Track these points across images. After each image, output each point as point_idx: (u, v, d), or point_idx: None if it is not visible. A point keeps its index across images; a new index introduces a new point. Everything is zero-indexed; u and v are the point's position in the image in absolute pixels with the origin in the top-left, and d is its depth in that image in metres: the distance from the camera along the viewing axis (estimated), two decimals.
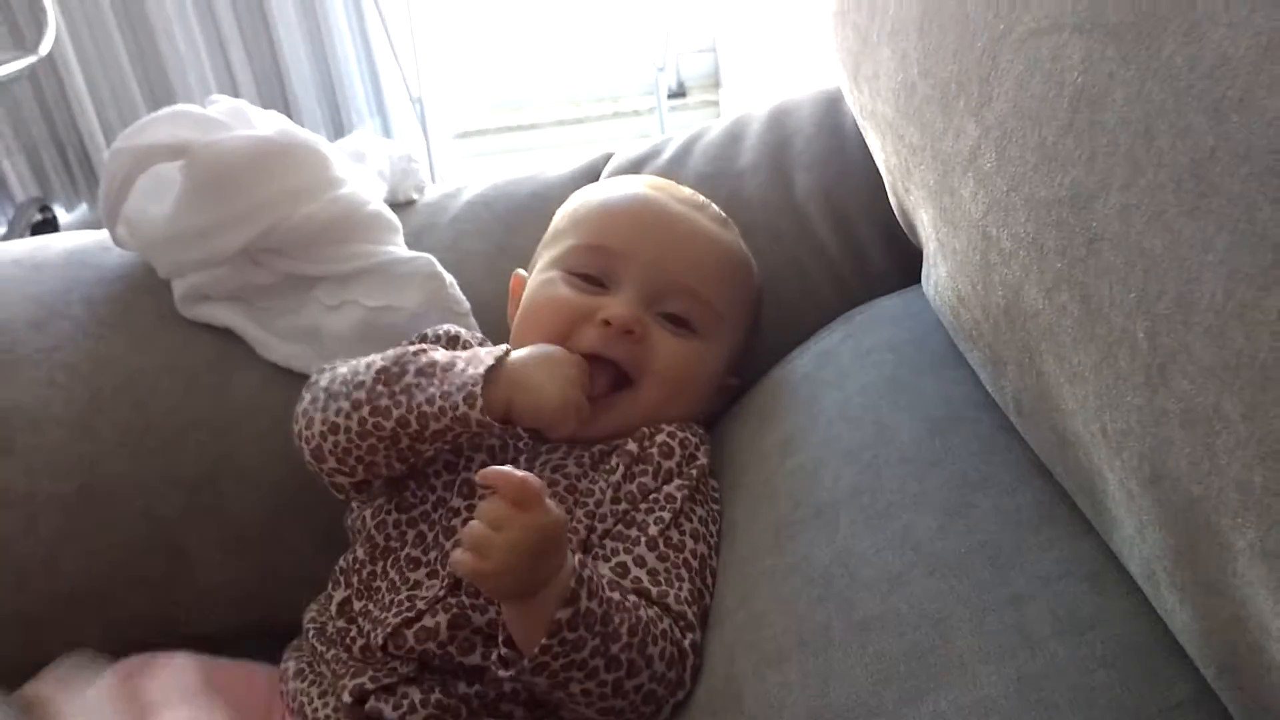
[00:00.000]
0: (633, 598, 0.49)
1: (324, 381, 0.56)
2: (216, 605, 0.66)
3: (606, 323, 0.56)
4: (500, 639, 0.47)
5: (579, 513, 0.53)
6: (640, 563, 0.52)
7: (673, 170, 0.73)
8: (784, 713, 0.43)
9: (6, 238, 1.92)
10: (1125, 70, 0.31)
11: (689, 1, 2.18)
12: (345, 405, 0.53)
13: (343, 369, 0.56)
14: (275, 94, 1.99)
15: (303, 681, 0.55)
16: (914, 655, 0.40)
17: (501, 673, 0.47)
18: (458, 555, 0.46)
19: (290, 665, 0.57)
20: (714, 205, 0.64)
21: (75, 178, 2.07)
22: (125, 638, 0.64)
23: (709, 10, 2.22)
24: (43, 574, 0.62)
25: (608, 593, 0.48)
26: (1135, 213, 0.31)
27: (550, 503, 0.46)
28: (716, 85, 2.28)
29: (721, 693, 0.48)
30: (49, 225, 2.02)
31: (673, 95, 2.23)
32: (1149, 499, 0.34)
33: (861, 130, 0.58)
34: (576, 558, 0.47)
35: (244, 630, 0.66)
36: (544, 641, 0.45)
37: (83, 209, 2.13)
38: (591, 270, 0.59)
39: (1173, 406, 0.31)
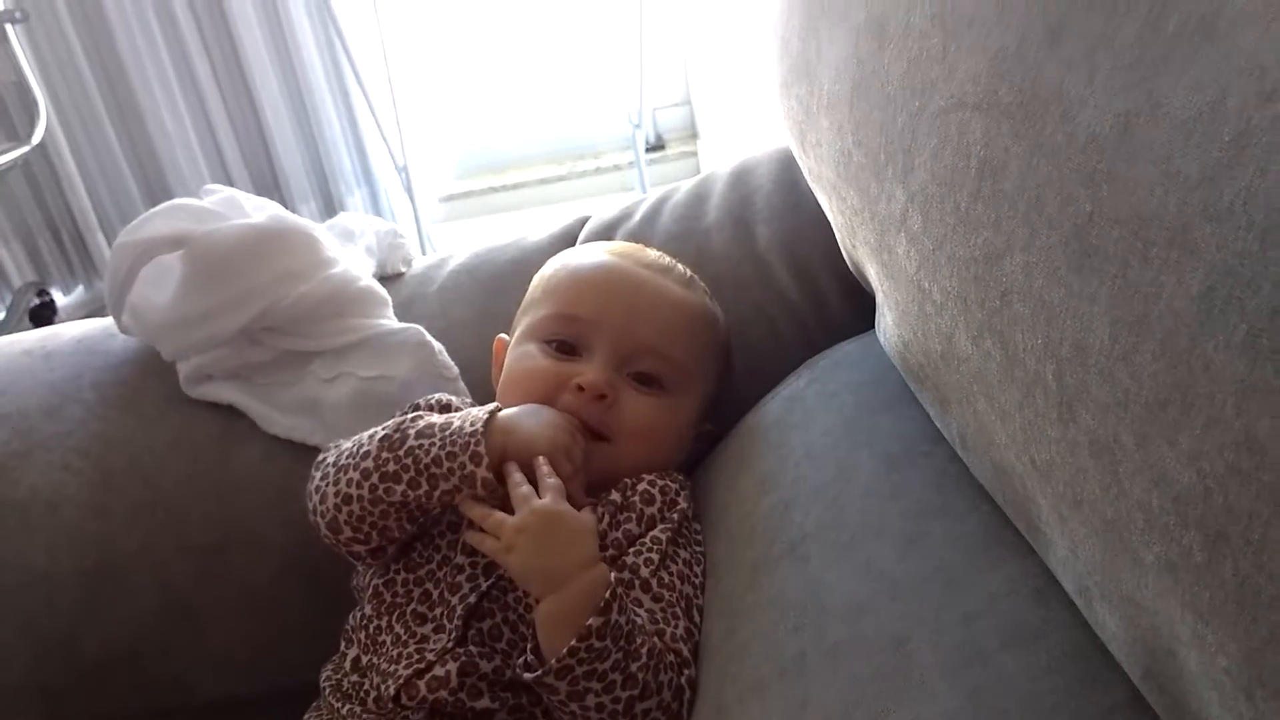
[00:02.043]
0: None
1: (331, 458, 0.60)
2: (231, 668, 0.69)
3: (580, 388, 0.61)
4: (529, 645, 0.52)
5: None
6: (636, 604, 0.55)
7: (644, 230, 0.78)
8: None
9: (5, 322, 1.96)
10: (1017, 145, 0.36)
11: (661, 58, 2.24)
12: (355, 475, 0.57)
13: (346, 444, 0.60)
14: (264, 171, 2.04)
15: None
16: (880, 676, 0.43)
17: (526, 676, 0.51)
18: (478, 536, 0.54)
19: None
20: (680, 266, 0.69)
21: (71, 261, 2.11)
22: (144, 704, 0.67)
23: (681, 65, 2.29)
24: (63, 648, 0.65)
25: (633, 613, 0.52)
26: (1035, 269, 0.35)
27: (566, 503, 0.53)
28: (694, 136, 2.34)
29: None
30: (46, 309, 2.06)
31: (651, 149, 2.29)
32: (1076, 521, 0.37)
33: (813, 190, 0.63)
34: (612, 573, 0.52)
35: (259, 692, 0.69)
36: (573, 644, 0.49)
37: (79, 291, 2.17)
38: (565, 337, 0.64)
39: (1082, 439, 0.35)
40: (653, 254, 0.69)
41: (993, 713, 0.39)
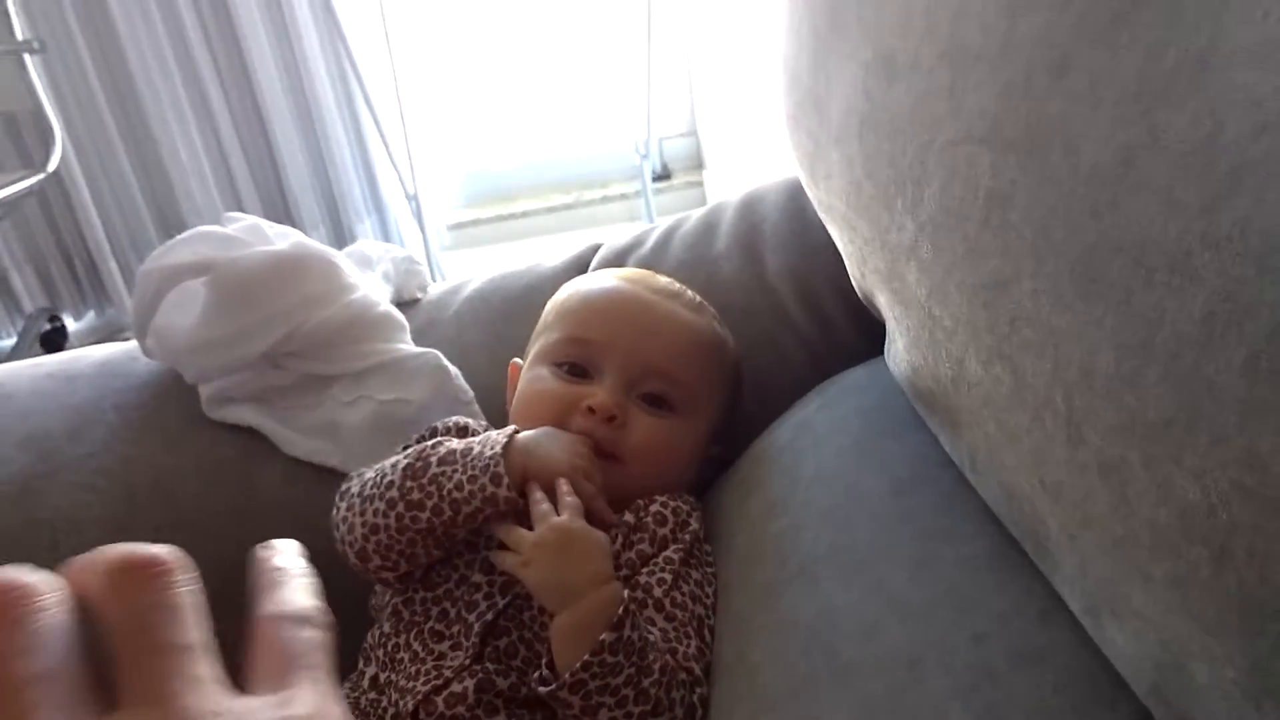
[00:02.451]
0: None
1: (355, 488, 0.61)
2: None
3: (591, 410, 0.62)
4: (544, 660, 0.53)
5: None
6: (649, 623, 0.56)
7: (655, 258, 0.79)
8: None
9: (17, 347, 1.98)
10: (1024, 177, 0.37)
11: (668, 89, 2.28)
12: (381, 505, 0.59)
13: (369, 474, 0.61)
14: (275, 198, 2.06)
15: None
16: (891, 696, 0.44)
17: (541, 689, 0.52)
18: (499, 554, 0.56)
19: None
20: (689, 291, 0.70)
21: (83, 287, 2.13)
22: None
23: (688, 96, 2.32)
24: None
25: (646, 630, 0.53)
26: (1043, 296, 0.36)
27: (583, 521, 0.56)
28: (700, 167, 2.37)
29: None
30: (57, 334, 2.08)
31: (658, 178, 2.32)
32: (1085, 540, 0.38)
33: (823, 220, 0.64)
34: (625, 591, 0.53)
35: None
36: (586, 658, 0.50)
37: (90, 317, 2.19)
38: (576, 360, 0.65)
39: (1090, 460, 0.36)
40: (662, 280, 0.71)
41: None
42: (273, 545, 0.30)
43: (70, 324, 2.15)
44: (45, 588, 0.24)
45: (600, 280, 0.71)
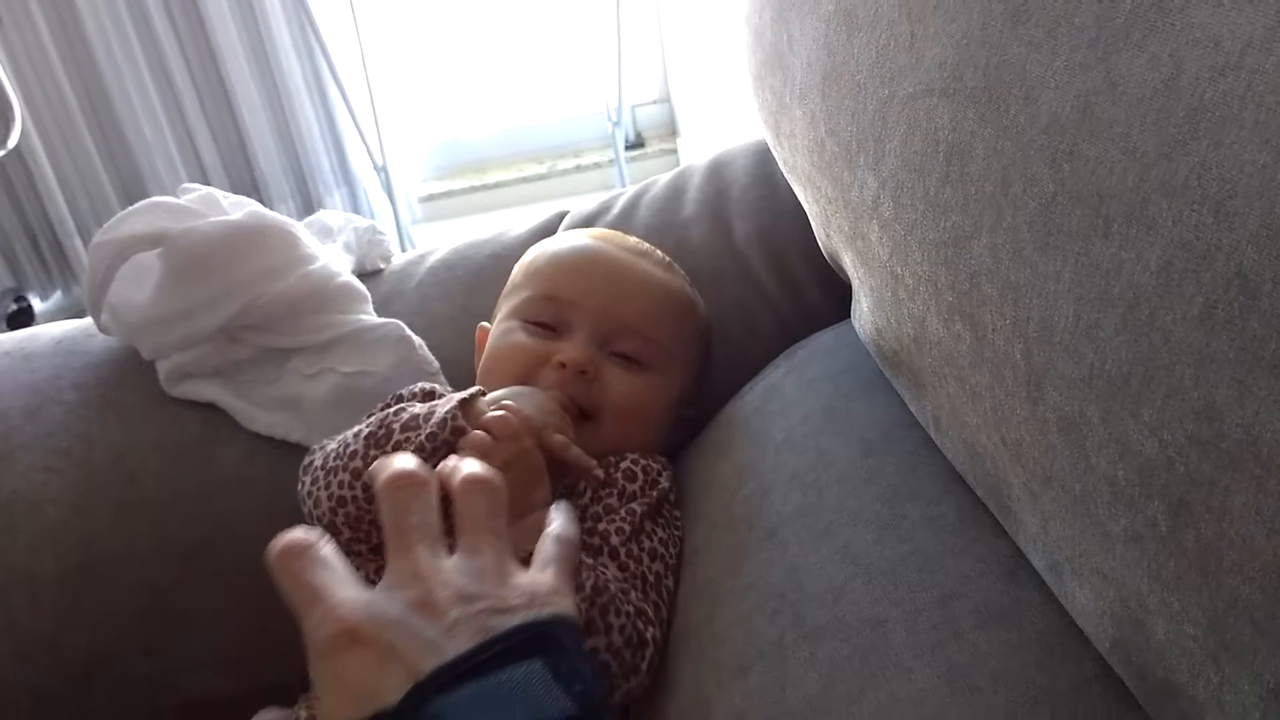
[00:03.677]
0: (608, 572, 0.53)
1: (319, 461, 0.60)
2: (219, 668, 0.69)
3: (562, 365, 0.61)
4: None
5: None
6: (601, 569, 0.55)
7: (623, 224, 0.78)
8: (748, 718, 0.46)
9: None
10: (983, 128, 0.36)
11: (640, 55, 2.25)
12: (346, 477, 0.57)
13: (332, 445, 0.60)
14: (242, 172, 2.03)
15: None
16: (857, 657, 0.44)
17: None
18: None
19: (303, 714, 0.59)
20: (657, 251, 0.70)
21: (48, 267, 2.10)
22: (129, 705, 0.67)
23: (660, 63, 2.29)
24: (48, 648, 0.65)
25: (585, 556, 0.52)
26: (1002, 251, 0.36)
27: (530, 441, 0.55)
28: (674, 134, 2.35)
29: (691, 708, 0.51)
30: (24, 314, 2.05)
31: (631, 146, 2.30)
32: (1046, 498, 0.38)
33: (789, 180, 0.63)
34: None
35: (246, 691, 0.68)
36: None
37: (57, 296, 2.16)
38: (546, 318, 0.64)
39: (1050, 416, 0.35)
40: (632, 239, 0.70)
41: (967, 690, 0.40)
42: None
43: (37, 304, 2.12)
44: (426, 475, 0.44)
45: (570, 239, 0.70)
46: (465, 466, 0.45)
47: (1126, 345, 0.30)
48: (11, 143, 1.82)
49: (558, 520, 0.49)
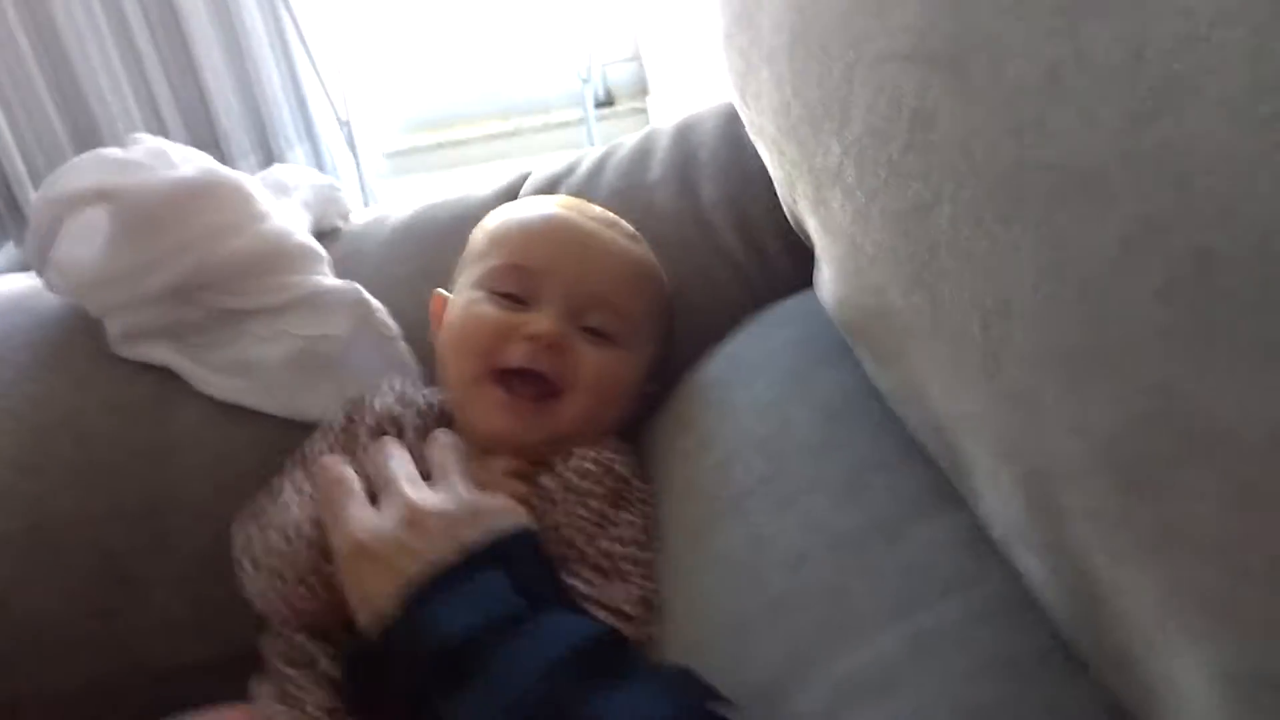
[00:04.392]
0: None
1: (257, 551, 0.59)
2: (178, 637, 0.68)
3: (532, 337, 0.60)
4: None
5: None
6: (576, 576, 0.55)
7: (588, 186, 0.77)
8: None
9: None
10: (947, 95, 0.35)
11: (610, 12, 2.21)
12: (287, 586, 0.57)
13: (272, 535, 0.58)
14: (202, 127, 1.98)
15: (279, 702, 0.57)
16: (820, 626, 0.44)
17: None
18: None
19: (266, 688, 0.58)
20: (624, 222, 0.68)
21: (2, 221, 2.04)
22: (92, 674, 0.66)
23: (631, 19, 2.25)
24: (1, 613, 0.64)
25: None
26: (962, 221, 0.35)
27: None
28: (644, 93, 2.32)
29: None
30: None
31: (601, 104, 2.26)
32: (1004, 473, 0.38)
33: (755, 144, 0.62)
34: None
35: (208, 659, 0.68)
36: None
37: (8, 249, 2.10)
38: (513, 289, 0.62)
39: (1007, 391, 0.35)
40: (597, 209, 0.68)
41: (930, 659, 0.40)
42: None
43: None
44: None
45: (536, 207, 0.68)
46: (435, 437, 0.58)
47: (1083, 320, 0.30)
48: None
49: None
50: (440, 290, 0.68)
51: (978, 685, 0.38)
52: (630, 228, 0.68)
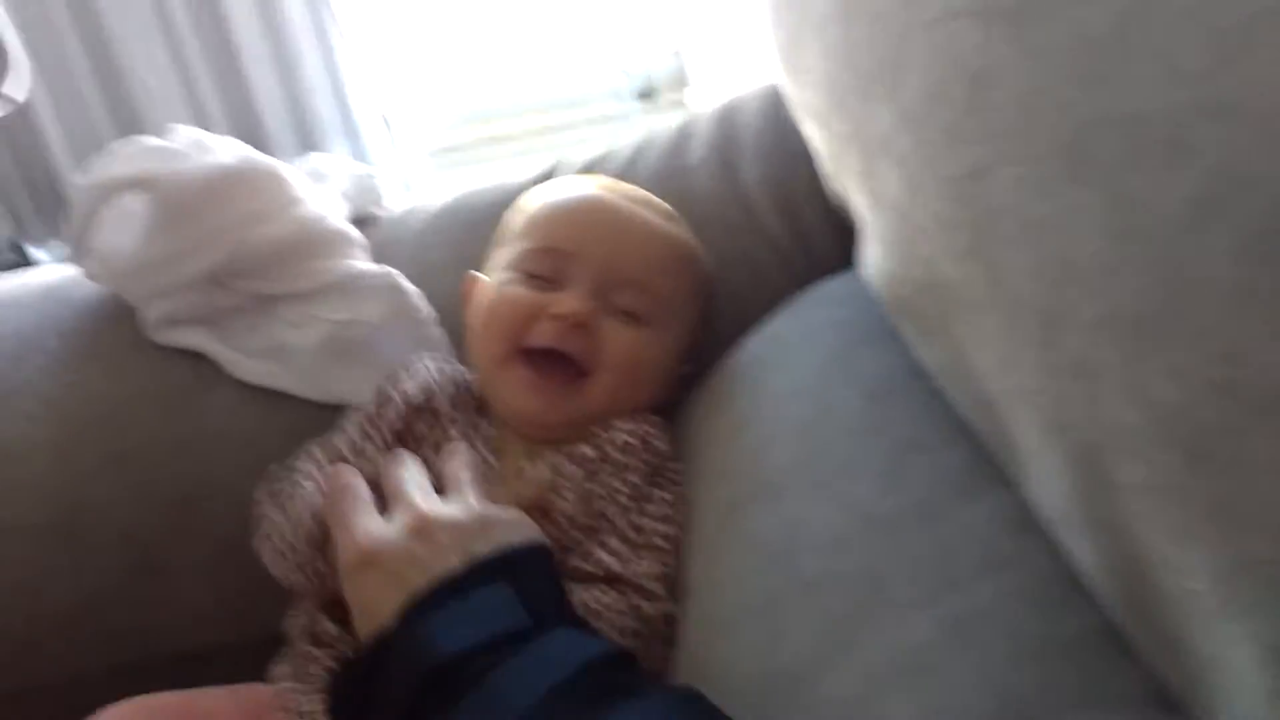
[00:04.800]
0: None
1: (268, 528, 0.59)
2: (203, 622, 0.67)
3: (559, 316, 0.59)
4: None
5: (545, 527, 0.55)
6: (608, 549, 0.54)
7: (627, 171, 0.75)
8: (740, 672, 0.45)
9: None
10: (1011, 51, 0.34)
11: (652, 5, 2.20)
12: (290, 566, 0.57)
13: (278, 517, 0.58)
14: (246, 122, 1.99)
15: (295, 681, 0.57)
16: (854, 609, 0.42)
17: None
18: None
19: (285, 668, 0.58)
20: (660, 201, 0.67)
21: (49, 217, 2.08)
22: (110, 657, 0.66)
23: (672, 12, 2.24)
24: (32, 599, 0.64)
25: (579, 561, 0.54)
26: (1025, 183, 0.33)
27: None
28: (685, 85, 2.30)
29: (688, 664, 0.50)
30: (23, 265, 2.03)
31: (642, 98, 2.25)
32: (1052, 449, 0.36)
33: (799, 122, 0.60)
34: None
35: (237, 642, 0.68)
36: None
37: (57, 246, 2.14)
38: (544, 271, 0.61)
39: (1064, 361, 0.33)
40: (632, 188, 0.67)
41: (966, 641, 0.38)
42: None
43: (37, 254, 2.10)
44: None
45: (568, 188, 0.67)
46: (450, 449, 0.57)
47: (1153, 283, 0.28)
48: (20, 96, 1.80)
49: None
50: (473, 272, 0.67)
51: (1016, 669, 0.36)
52: (667, 207, 0.67)
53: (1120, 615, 0.35)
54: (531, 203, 0.67)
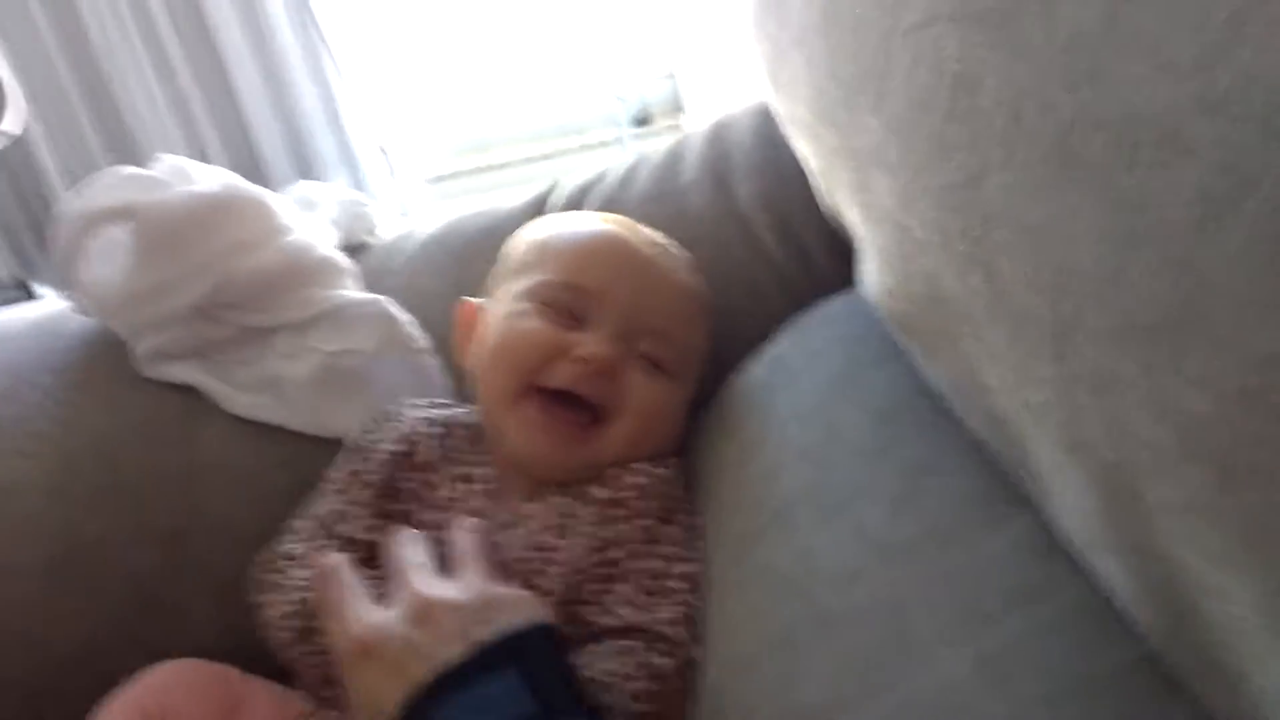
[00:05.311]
0: None
1: (266, 621, 0.58)
2: (208, 657, 0.66)
3: (583, 359, 0.56)
4: None
5: (551, 571, 0.54)
6: (623, 599, 0.52)
7: (619, 193, 0.74)
8: (757, 716, 0.43)
9: None
10: (993, 54, 0.32)
11: (645, 30, 2.20)
12: (289, 655, 0.57)
13: (274, 608, 0.57)
14: (243, 156, 2.01)
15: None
16: (876, 646, 0.40)
17: None
18: None
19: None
20: (676, 247, 0.65)
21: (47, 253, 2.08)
22: None
23: (666, 37, 2.25)
24: (33, 642, 0.63)
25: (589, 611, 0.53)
26: (1015, 190, 0.32)
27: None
28: (679, 110, 2.31)
29: (706, 702, 0.48)
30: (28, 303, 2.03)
31: (637, 124, 2.25)
32: (1074, 467, 0.34)
33: (789, 137, 0.59)
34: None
35: None
36: None
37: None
38: (563, 307, 0.59)
39: (1081, 373, 0.32)
40: (647, 230, 0.65)
41: (998, 679, 0.36)
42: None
43: (41, 291, 2.10)
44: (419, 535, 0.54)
45: (587, 223, 0.64)
46: (459, 523, 0.55)
47: (1162, 288, 0.27)
48: (9, 126, 1.80)
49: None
50: (469, 299, 0.66)
51: (1053, 709, 0.35)
52: (680, 250, 0.65)
53: (1160, 643, 0.33)
54: (547, 233, 0.64)
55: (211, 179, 0.67)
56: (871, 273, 0.50)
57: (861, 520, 0.45)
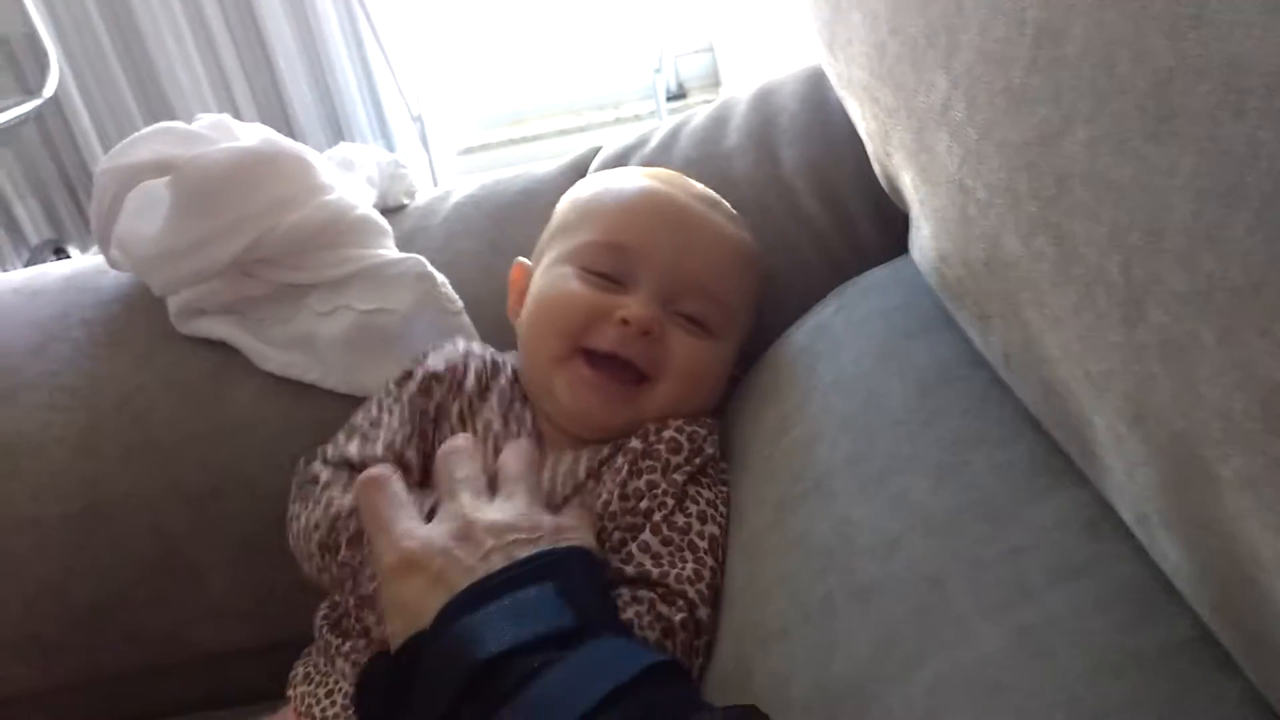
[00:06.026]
0: None
1: (294, 532, 0.59)
2: (227, 618, 0.66)
3: (624, 322, 0.56)
4: None
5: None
6: (645, 548, 0.52)
7: (660, 157, 0.73)
8: (790, 686, 0.42)
9: None
10: (1081, 1, 0.31)
11: (683, 3, 2.18)
12: (310, 568, 0.57)
13: (302, 519, 0.58)
14: (278, 121, 2.01)
15: (310, 685, 0.55)
16: (914, 618, 0.39)
17: None
18: None
19: (299, 671, 0.57)
20: (725, 202, 0.64)
21: (87, 218, 2.10)
22: (140, 657, 0.64)
23: (704, 10, 2.22)
24: (55, 596, 0.63)
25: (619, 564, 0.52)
26: (1101, 144, 0.30)
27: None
28: (716, 85, 2.28)
29: (733, 674, 0.48)
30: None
31: (673, 97, 2.23)
32: (1136, 439, 0.33)
33: (842, 100, 0.58)
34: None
35: (256, 644, 0.66)
36: None
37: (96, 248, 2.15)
38: (607, 268, 0.58)
39: (1151, 340, 0.30)
40: (697, 185, 0.64)
41: (1039, 655, 0.35)
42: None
43: (77, 256, 2.12)
44: (470, 444, 0.54)
45: (632, 179, 0.63)
46: (510, 444, 0.55)
47: (1261, 246, 0.25)
48: (48, 91, 1.81)
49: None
50: (523, 260, 0.65)
51: (1096, 685, 0.33)
52: (731, 208, 0.64)
53: (1214, 621, 0.32)
54: (592, 192, 0.63)
55: (253, 135, 0.67)
56: (925, 239, 0.49)
57: (903, 491, 0.44)
